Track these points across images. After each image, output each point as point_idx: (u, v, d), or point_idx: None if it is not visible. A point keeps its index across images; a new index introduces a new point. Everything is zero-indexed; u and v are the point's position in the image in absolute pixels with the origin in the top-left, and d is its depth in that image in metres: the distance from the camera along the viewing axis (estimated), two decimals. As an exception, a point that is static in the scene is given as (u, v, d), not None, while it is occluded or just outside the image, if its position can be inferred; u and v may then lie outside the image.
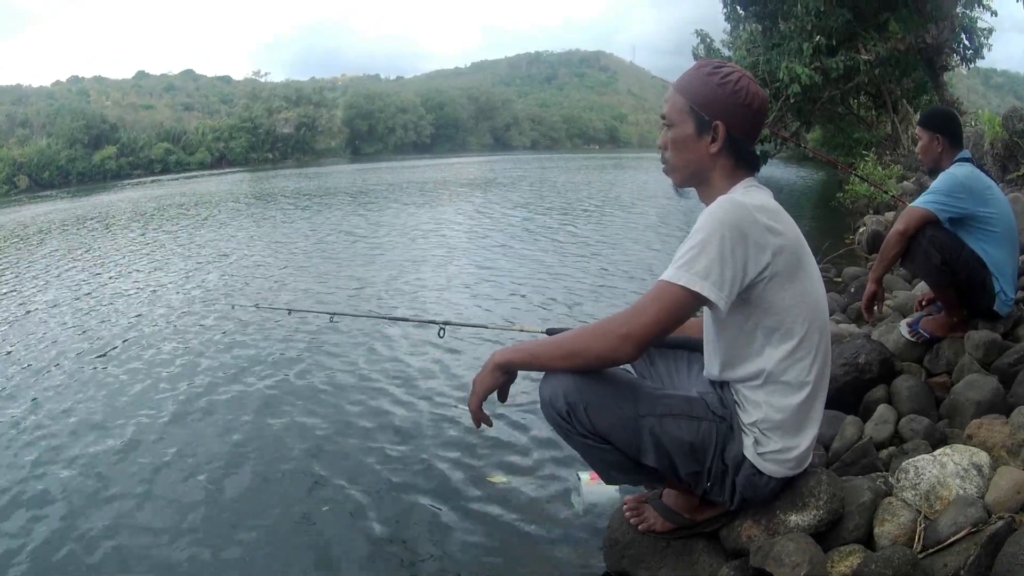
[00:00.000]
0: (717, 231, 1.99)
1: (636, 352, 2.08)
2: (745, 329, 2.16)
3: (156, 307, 8.36)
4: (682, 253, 2.05)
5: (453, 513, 3.40)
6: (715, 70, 2.20)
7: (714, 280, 1.99)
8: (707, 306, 2.06)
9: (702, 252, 2.00)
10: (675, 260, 2.05)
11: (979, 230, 3.53)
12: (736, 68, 2.22)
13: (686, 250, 2.04)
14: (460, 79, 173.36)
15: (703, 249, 2.00)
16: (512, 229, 13.76)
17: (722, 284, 2.00)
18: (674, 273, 2.03)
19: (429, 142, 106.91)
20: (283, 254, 11.87)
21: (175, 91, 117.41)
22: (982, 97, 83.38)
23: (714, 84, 2.17)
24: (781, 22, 16.52)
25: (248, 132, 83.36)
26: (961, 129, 3.85)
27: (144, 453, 4.26)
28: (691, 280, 2.00)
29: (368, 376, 5.43)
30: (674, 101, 2.25)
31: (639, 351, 2.08)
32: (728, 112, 2.17)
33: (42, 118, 74.90)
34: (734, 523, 2.44)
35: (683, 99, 2.22)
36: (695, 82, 2.21)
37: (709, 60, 2.26)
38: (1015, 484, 2.25)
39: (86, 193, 40.55)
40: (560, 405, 2.23)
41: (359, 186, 29.20)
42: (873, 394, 3.47)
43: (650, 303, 2.05)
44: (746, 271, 2.02)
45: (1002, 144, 9.21)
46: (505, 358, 2.26)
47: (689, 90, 2.22)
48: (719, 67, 2.21)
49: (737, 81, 2.17)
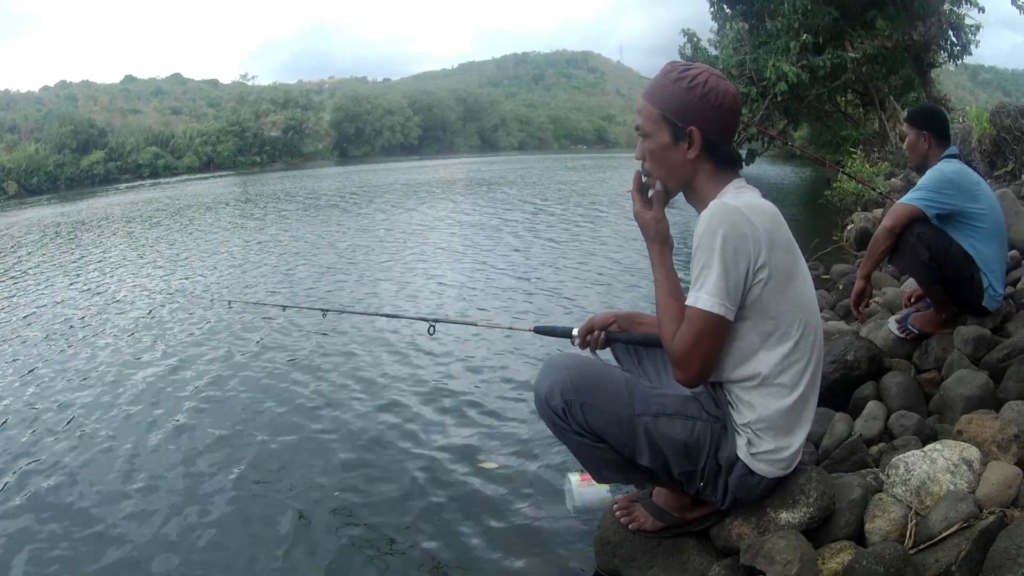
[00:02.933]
0: (719, 245, 2.01)
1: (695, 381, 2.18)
2: (741, 332, 2.15)
3: (151, 305, 8.38)
4: (695, 274, 2.08)
5: (444, 511, 3.40)
6: (681, 75, 2.17)
7: (722, 296, 2.04)
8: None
9: (708, 268, 2.03)
10: (694, 283, 2.09)
11: (967, 226, 3.54)
12: (702, 68, 2.19)
13: (697, 270, 2.07)
14: (447, 80, 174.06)
15: (707, 264, 2.03)
16: (500, 229, 13.79)
17: (730, 296, 2.05)
18: (693, 297, 2.08)
19: (417, 144, 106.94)
20: (274, 254, 11.90)
21: (163, 95, 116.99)
22: (970, 93, 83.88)
23: (683, 90, 2.15)
24: (768, 20, 16.52)
25: (236, 136, 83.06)
26: (948, 126, 3.86)
27: (142, 454, 4.26)
28: (707, 302, 2.04)
29: (359, 371, 5.50)
30: (646, 112, 2.23)
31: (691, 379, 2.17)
32: (700, 116, 2.15)
33: (30, 123, 74.43)
34: (725, 522, 2.44)
35: (654, 108, 2.21)
36: (664, 91, 2.19)
37: (674, 64, 2.22)
38: (1006, 479, 2.26)
39: (75, 198, 40.35)
40: (556, 403, 2.23)
41: (347, 188, 29.15)
42: (862, 391, 3.47)
43: (684, 330, 2.11)
44: (746, 276, 2.05)
45: (990, 140, 9.21)
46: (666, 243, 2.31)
47: (659, 99, 2.20)
48: (685, 70, 2.18)
49: (705, 83, 2.15)
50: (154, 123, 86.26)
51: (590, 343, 2.69)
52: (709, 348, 2.10)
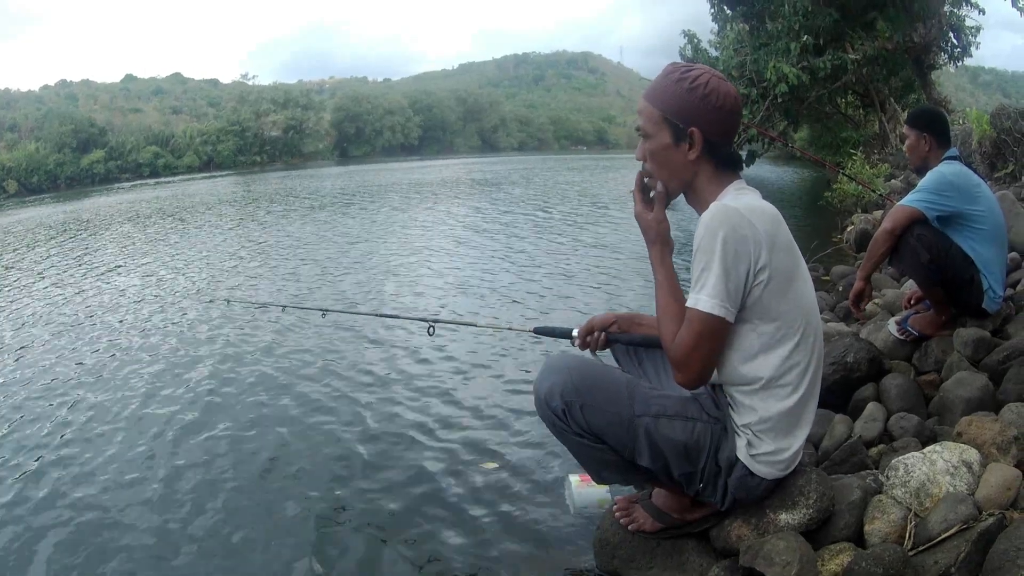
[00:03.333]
0: (719, 246, 2.01)
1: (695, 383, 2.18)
2: (742, 333, 2.15)
3: (150, 305, 8.40)
4: (695, 276, 2.08)
5: (443, 511, 3.41)
6: (683, 76, 2.17)
7: (722, 298, 2.04)
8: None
9: (708, 270, 2.03)
10: (694, 284, 2.09)
11: (967, 228, 3.54)
12: (704, 70, 2.19)
13: (698, 272, 2.07)
14: (448, 81, 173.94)
15: (707, 266, 2.03)
16: (500, 229, 13.78)
17: (730, 298, 2.04)
18: (693, 299, 2.08)
19: (417, 144, 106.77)
20: (275, 255, 11.89)
21: (163, 94, 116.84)
22: (970, 95, 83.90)
23: (684, 91, 2.15)
24: (768, 22, 16.52)
25: (236, 135, 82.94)
26: (948, 128, 3.85)
27: (142, 452, 4.27)
28: (707, 303, 2.04)
29: (358, 372, 5.51)
30: (647, 113, 2.23)
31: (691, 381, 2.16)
32: (701, 117, 2.15)
33: (30, 122, 74.27)
34: (724, 523, 2.44)
35: (655, 110, 2.21)
36: (665, 91, 2.19)
37: (676, 65, 2.23)
38: (1005, 481, 2.26)
39: (75, 197, 40.35)
40: (556, 404, 2.22)
41: (347, 188, 29.16)
42: (862, 392, 3.47)
43: (684, 332, 2.11)
44: (747, 278, 2.04)
45: (990, 142, 9.21)
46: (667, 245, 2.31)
47: (660, 100, 2.20)
48: (686, 71, 2.18)
49: (706, 84, 2.15)
50: (154, 122, 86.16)
51: (590, 344, 2.69)
52: (709, 350, 2.10)
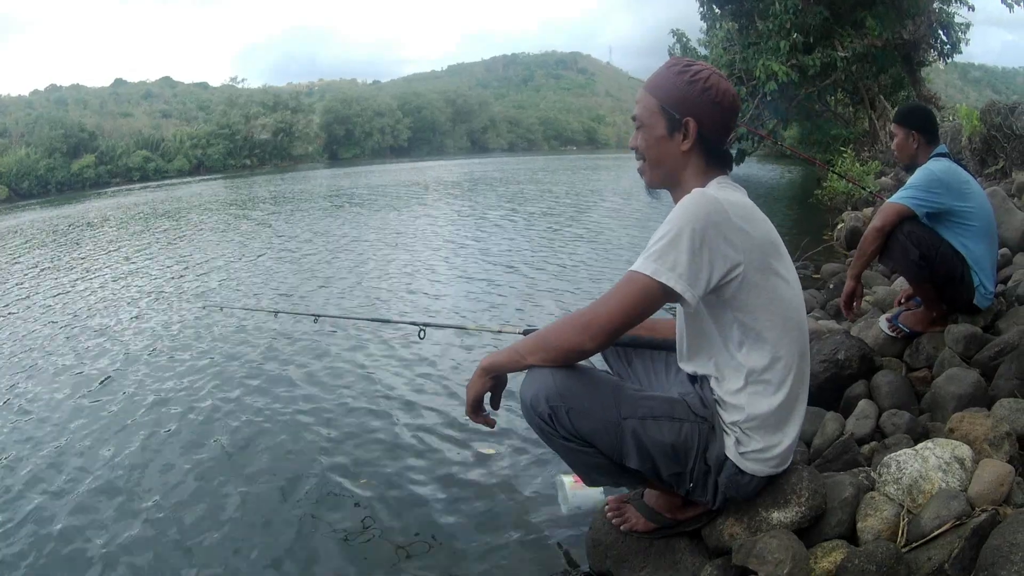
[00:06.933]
0: (688, 223, 1.97)
1: (595, 343, 2.10)
2: (723, 330, 2.14)
3: (141, 308, 8.39)
4: (652, 243, 2.03)
5: (434, 514, 3.39)
6: (685, 68, 2.19)
7: (681, 272, 1.97)
8: (678, 301, 2.03)
9: (671, 244, 1.98)
10: (645, 250, 2.04)
11: (957, 224, 3.54)
12: (706, 66, 2.21)
13: (655, 240, 2.02)
14: (437, 82, 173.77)
15: (673, 241, 1.98)
16: (490, 231, 13.76)
17: (691, 277, 1.98)
18: (642, 263, 2.02)
19: (406, 146, 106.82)
20: (266, 259, 11.82)
21: (153, 98, 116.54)
22: (960, 92, 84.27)
23: (684, 82, 2.17)
24: (758, 20, 16.59)
25: (226, 139, 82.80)
26: (936, 125, 3.86)
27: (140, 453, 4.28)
28: (657, 271, 1.98)
29: (349, 375, 5.50)
30: (645, 101, 2.24)
31: (598, 342, 2.09)
32: (698, 109, 2.16)
33: (20, 127, 74.00)
34: (716, 522, 2.43)
35: (653, 99, 2.21)
36: (665, 81, 2.21)
37: (679, 59, 2.24)
38: (998, 476, 2.25)
39: (66, 202, 40.21)
40: (542, 409, 2.19)
41: (337, 191, 29.07)
42: (853, 390, 3.47)
43: (615, 292, 2.06)
44: (715, 265, 2.00)
45: (980, 138, 9.26)
46: (490, 361, 2.23)
47: (659, 89, 2.21)
48: (689, 65, 2.20)
49: (707, 79, 2.16)
50: (144, 126, 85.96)
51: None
52: (632, 318, 2.06)
